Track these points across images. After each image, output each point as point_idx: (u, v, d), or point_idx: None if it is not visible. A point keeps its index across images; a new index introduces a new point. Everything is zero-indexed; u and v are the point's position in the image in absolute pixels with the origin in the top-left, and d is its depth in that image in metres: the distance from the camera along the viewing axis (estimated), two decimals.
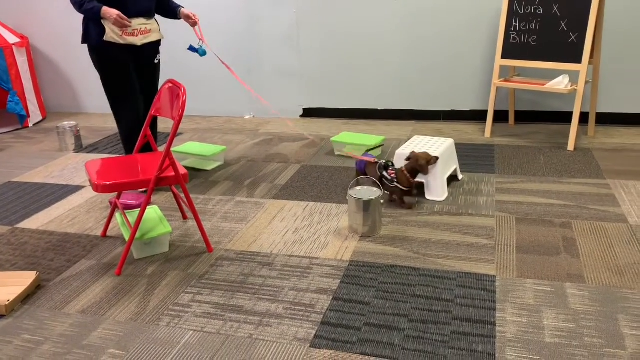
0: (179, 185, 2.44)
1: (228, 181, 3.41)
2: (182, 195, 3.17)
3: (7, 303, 2.16)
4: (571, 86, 3.59)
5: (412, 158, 2.82)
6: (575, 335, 1.87)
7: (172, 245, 2.65)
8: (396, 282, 2.23)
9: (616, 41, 3.92)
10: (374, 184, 2.93)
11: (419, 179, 3.01)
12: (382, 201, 2.65)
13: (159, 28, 3.19)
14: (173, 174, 2.39)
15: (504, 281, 2.20)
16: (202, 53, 3.31)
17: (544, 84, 3.68)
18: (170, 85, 2.50)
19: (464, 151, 3.70)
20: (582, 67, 3.51)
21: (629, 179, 3.12)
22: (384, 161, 2.91)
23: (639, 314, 1.96)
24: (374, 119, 4.63)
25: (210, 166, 3.63)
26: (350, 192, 2.66)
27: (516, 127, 4.19)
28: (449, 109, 4.44)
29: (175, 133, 2.34)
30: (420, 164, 2.79)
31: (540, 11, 3.67)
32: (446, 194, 3.04)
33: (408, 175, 2.82)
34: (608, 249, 2.40)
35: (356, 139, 3.72)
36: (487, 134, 3.99)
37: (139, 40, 3.05)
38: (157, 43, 3.22)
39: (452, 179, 3.25)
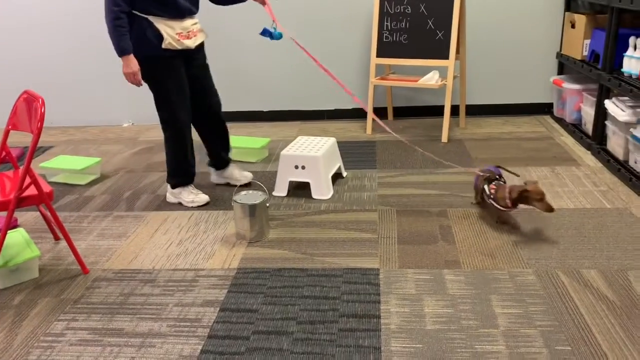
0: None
1: (105, 195, 3.21)
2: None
3: None
4: (441, 81, 3.80)
5: (524, 190, 2.43)
6: (453, 320, 1.96)
7: (43, 269, 2.43)
8: (284, 286, 2.22)
9: (479, 38, 4.21)
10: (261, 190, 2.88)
11: (306, 179, 3.02)
12: (267, 204, 2.63)
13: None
14: (36, 192, 2.19)
15: (387, 273, 2.27)
16: (278, 36, 2.98)
17: (416, 80, 3.85)
18: (27, 96, 2.29)
19: (347, 149, 3.78)
20: (450, 63, 3.73)
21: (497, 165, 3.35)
22: (489, 174, 2.66)
23: (508, 292, 2.11)
24: (259, 121, 4.60)
25: (84, 180, 3.39)
26: (235, 197, 2.61)
27: (395, 122, 4.36)
28: (333, 108, 4.52)
29: (35, 147, 2.15)
30: (534, 198, 2.41)
31: (409, 10, 3.84)
32: (331, 192, 3.08)
33: (509, 200, 2.47)
34: (480, 233, 2.57)
35: (241, 142, 3.67)
36: (369, 130, 4.12)
37: (192, 43, 2.76)
38: (203, 44, 2.93)
39: (337, 176, 3.31)
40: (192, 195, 3.00)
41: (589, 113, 3.59)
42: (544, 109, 4.33)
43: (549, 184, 3.05)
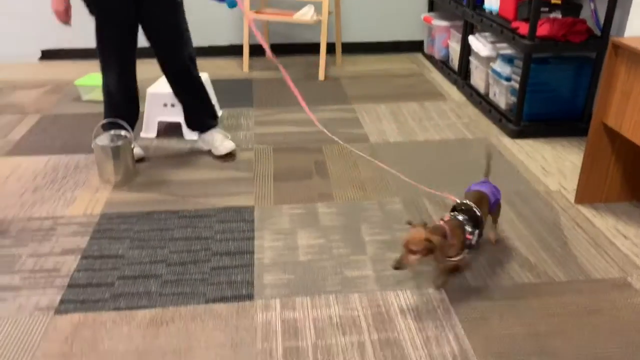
0: None
1: None
2: None
3: None
4: (316, 17, 3.74)
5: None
6: (325, 250, 2.00)
7: None
8: (153, 229, 2.11)
9: None
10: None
11: (176, 118, 2.86)
12: (133, 145, 2.47)
13: None
14: None
15: (262, 210, 2.25)
16: (231, 4, 2.47)
17: (291, 15, 3.76)
18: None
19: (223, 86, 3.64)
20: None
21: (370, 102, 3.41)
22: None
23: (375, 220, 2.18)
24: None
25: None
26: (96, 140, 2.42)
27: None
28: (207, 45, 4.30)
29: None
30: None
31: None
32: None
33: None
34: (353, 167, 2.62)
35: (99, 80, 3.37)
36: (245, 68, 3.99)
37: None
38: None
39: None
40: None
41: (455, 49, 3.75)
42: (416, 46, 4.45)
43: (417, 118, 3.17)
